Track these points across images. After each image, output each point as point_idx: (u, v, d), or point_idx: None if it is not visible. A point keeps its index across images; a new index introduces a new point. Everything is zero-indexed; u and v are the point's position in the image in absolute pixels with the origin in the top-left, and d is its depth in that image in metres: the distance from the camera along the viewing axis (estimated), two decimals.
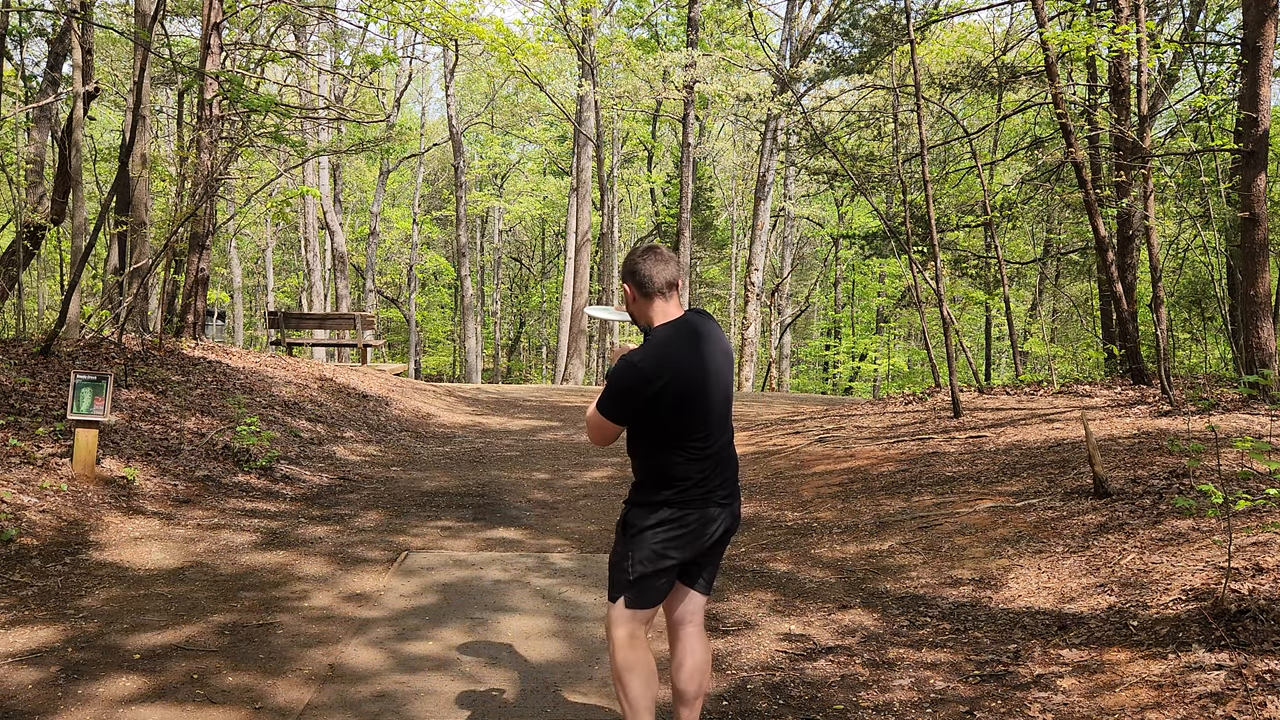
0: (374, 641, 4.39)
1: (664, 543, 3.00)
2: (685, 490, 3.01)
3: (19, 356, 8.71)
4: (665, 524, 3.00)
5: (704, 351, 3.01)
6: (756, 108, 20.50)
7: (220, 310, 22.50)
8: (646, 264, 3.04)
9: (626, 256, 3.10)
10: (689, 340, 3.00)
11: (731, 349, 3.17)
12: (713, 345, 3.04)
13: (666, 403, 2.94)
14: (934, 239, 10.26)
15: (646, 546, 3.00)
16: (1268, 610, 3.77)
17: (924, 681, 3.86)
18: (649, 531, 3.00)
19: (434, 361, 41.86)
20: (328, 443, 9.37)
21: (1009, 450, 7.66)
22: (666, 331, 3.01)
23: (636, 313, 3.11)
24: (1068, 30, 10.74)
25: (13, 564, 5.23)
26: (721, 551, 3.17)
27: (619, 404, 2.98)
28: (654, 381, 2.91)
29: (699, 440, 3.00)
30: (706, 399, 3.00)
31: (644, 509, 3.05)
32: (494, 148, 40.43)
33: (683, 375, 2.95)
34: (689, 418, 2.97)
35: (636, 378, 2.94)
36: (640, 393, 2.93)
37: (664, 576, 3.04)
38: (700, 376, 2.98)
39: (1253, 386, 7.74)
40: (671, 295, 3.06)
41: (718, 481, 3.05)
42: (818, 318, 41.52)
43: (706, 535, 3.04)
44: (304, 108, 18.26)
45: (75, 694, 3.73)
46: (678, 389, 2.94)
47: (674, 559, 3.01)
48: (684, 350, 2.98)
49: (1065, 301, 24.26)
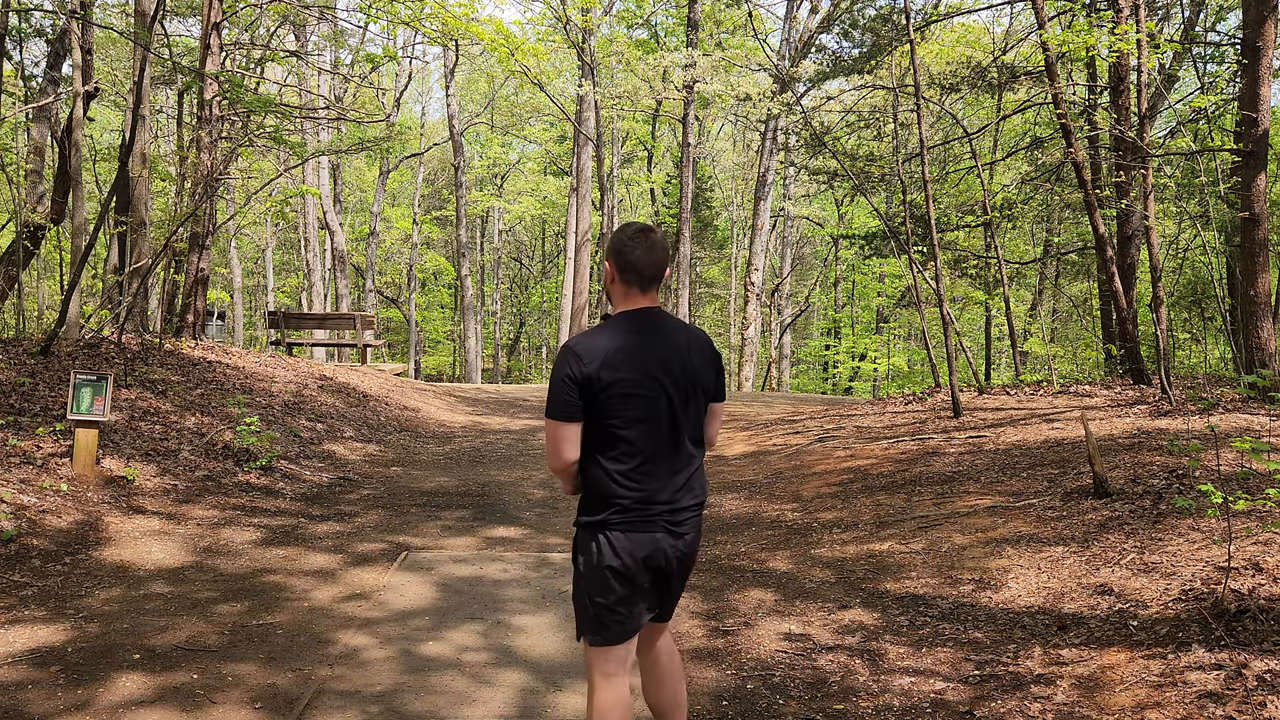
0: (374, 640, 4.39)
1: (610, 572, 2.67)
2: (622, 511, 2.66)
3: (19, 356, 8.71)
4: (608, 551, 2.67)
5: (657, 347, 2.68)
6: (756, 108, 20.50)
7: (220, 310, 22.52)
8: (635, 249, 2.70)
9: (616, 232, 2.75)
10: (640, 332, 2.68)
11: (709, 351, 2.80)
12: (670, 343, 2.70)
13: (601, 400, 2.62)
14: (934, 239, 10.27)
15: (595, 577, 2.70)
16: (1267, 610, 3.77)
17: (924, 681, 3.86)
18: (594, 559, 2.69)
19: (434, 361, 41.86)
20: (328, 442, 9.37)
21: (1009, 450, 7.66)
22: (619, 320, 2.71)
23: (611, 294, 2.80)
24: (1067, 30, 10.74)
25: (13, 564, 5.24)
26: (683, 580, 2.85)
27: (554, 397, 2.64)
28: (586, 368, 2.60)
29: (637, 449, 2.65)
30: (651, 401, 2.65)
31: (586, 531, 2.73)
32: (494, 148, 40.44)
33: (622, 369, 2.62)
34: (622, 420, 2.64)
35: (567, 363, 2.63)
36: (574, 381, 2.61)
37: (625, 609, 2.71)
38: (647, 374, 2.64)
39: (1252, 386, 7.73)
40: (650, 288, 2.73)
41: (664, 505, 2.69)
42: (818, 318, 41.52)
43: (655, 565, 2.70)
44: (304, 107, 18.26)
45: (75, 694, 3.74)
46: (612, 382, 2.61)
47: (624, 592, 2.68)
48: (631, 342, 2.66)
49: (1065, 301, 24.26)
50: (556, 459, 2.69)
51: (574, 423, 2.66)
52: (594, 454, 2.69)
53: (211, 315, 16.78)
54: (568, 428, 2.66)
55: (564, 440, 2.66)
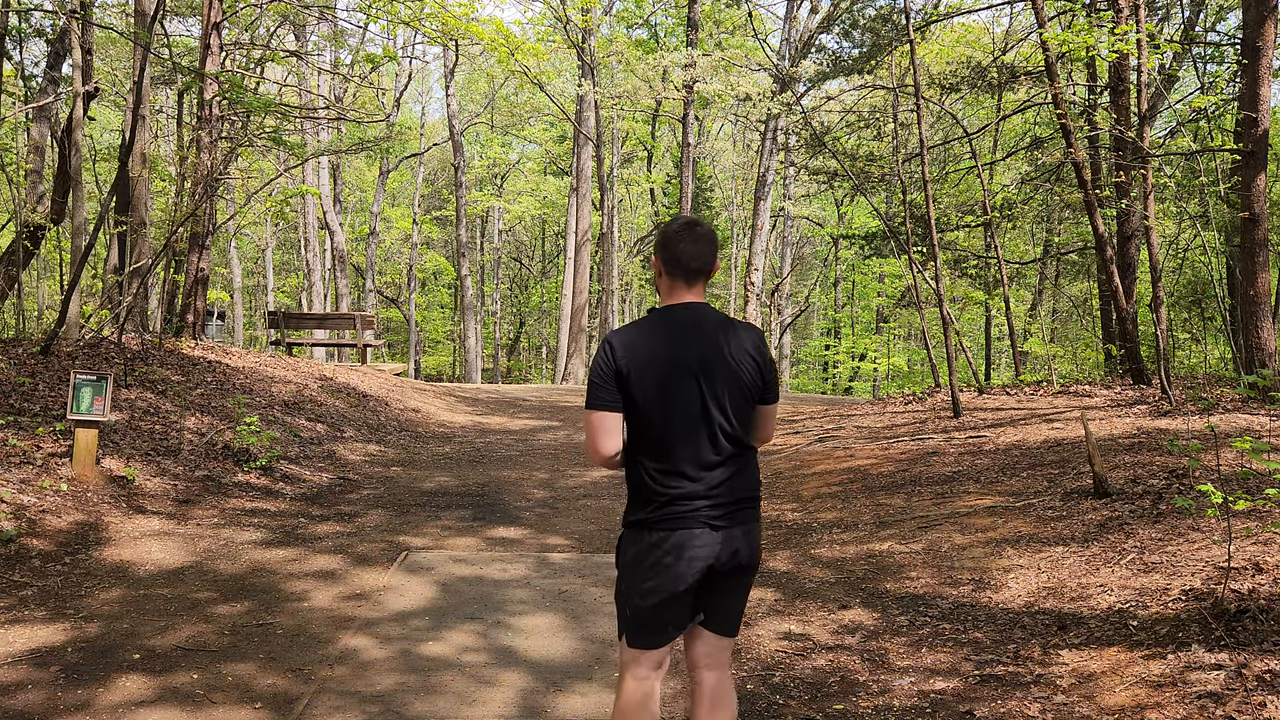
0: (374, 641, 4.39)
1: (649, 571, 2.62)
2: (660, 508, 2.62)
3: (19, 356, 8.71)
4: (649, 549, 2.63)
5: (693, 342, 2.63)
6: (756, 108, 20.48)
7: (220, 310, 22.52)
8: (681, 241, 2.69)
9: (664, 225, 2.76)
10: (677, 327, 2.65)
11: (756, 349, 2.71)
12: (708, 339, 2.64)
13: (634, 395, 2.61)
14: (934, 239, 10.27)
15: (633, 576, 2.66)
16: (1268, 610, 3.77)
17: (923, 681, 3.86)
18: (633, 559, 2.67)
19: (434, 361, 41.85)
20: (328, 442, 9.37)
21: (1009, 450, 7.66)
22: (658, 314, 2.69)
23: (658, 287, 2.79)
24: (1067, 31, 10.73)
25: (13, 564, 5.24)
26: (738, 586, 2.75)
27: (590, 387, 2.64)
28: (618, 360, 2.60)
29: (668, 446, 2.62)
30: (682, 397, 2.61)
31: (630, 531, 2.70)
32: (494, 148, 40.43)
33: (653, 363, 2.60)
34: (656, 415, 2.61)
35: (602, 355, 2.63)
36: (608, 372, 2.61)
37: (663, 613, 2.64)
38: (679, 370, 2.60)
39: (1252, 386, 7.73)
40: (696, 281, 2.71)
41: (703, 501, 2.62)
42: (818, 318, 41.52)
43: (696, 563, 2.61)
44: (304, 107, 18.25)
45: (75, 694, 3.74)
46: (642, 377, 2.60)
47: (664, 593, 2.62)
48: (666, 336, 2.63)
49: (1065, 301, 24.25)
50: (595, 452, 2.67)
51: (608, 412, 2.63)
52: (633, 453, 2.69)
53: (211, 315, 16.78)
54: (603, 417, 2.63)
55: (600, 431, 2.64)
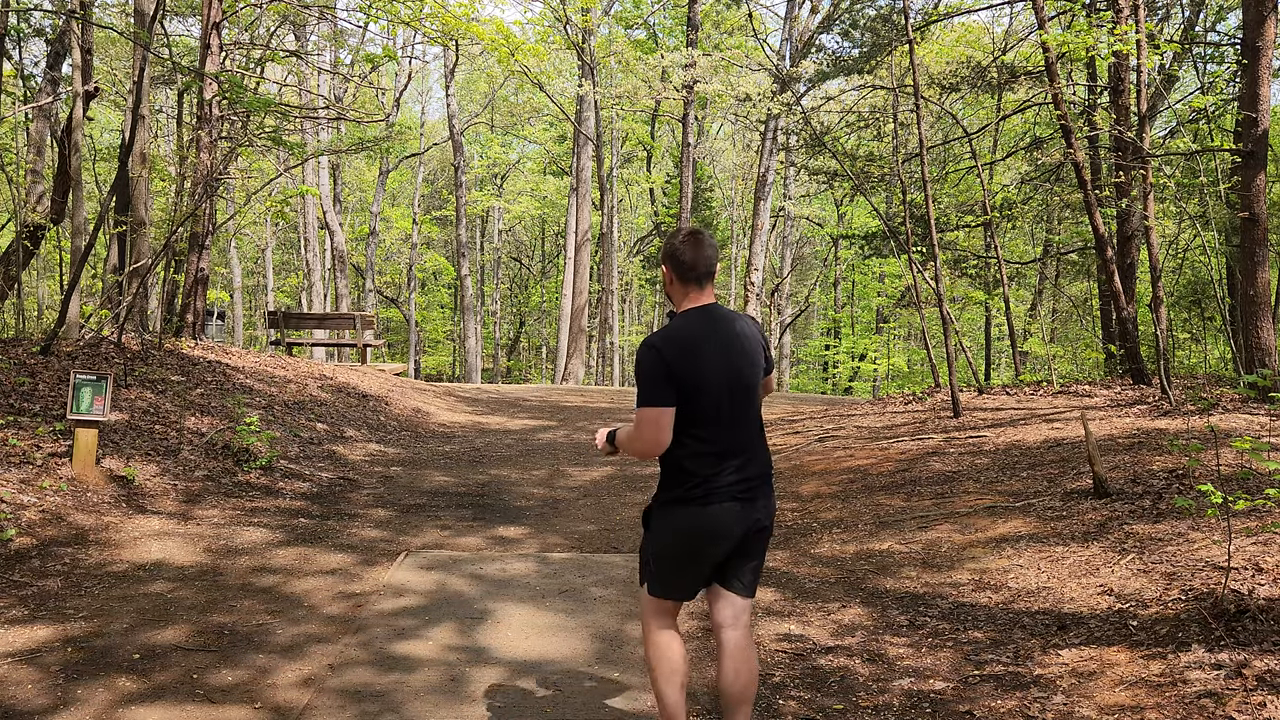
0: (373, 640, 4.39)
1: (676, 539, 3.00)
2: (695, 486, 2.97)
3: (19, 356, 8.71)
4: (678, 520, 2.99)
5: (720, 338, 2.99)
6: (756, 108, 20.47)
7: (220, 310, 22.48)
8: (688, 249, 3.04)
9: (668, 238, 3.10)
10: (705, 326, 3.00)
11: (761, 334, 3.15)
12: (732, 330, 3.03)
13: (683, 390, 2.93)
14: (934, 239, 10.27)
15: (660, 539, 3.05)
16: (1267, 610, 3.77)
17: (923, 681, 3.86)
18: (661, 526, 3.04)
19: (434, 361, 41.85)
20: (328, 442, 9.37)
21: (1009, 450, 7.66)
22: (686, 316, 3.03)
23: (671, 295, 3.13)
24: (1067, 31, 10.72)
25: (12, 564, 5.24)
26: (757, 550, 3.11)
27: (647, 386, 2.94)
28: (666, 357, 2.92)
29: (707, 431, 2.96)
30: (716, 387, 2.96)
31: (661, 506, 3.06)
32: (494, 148, 40.42)
33: (691, 359, 2.94)
34: (695, 406, 2.94)
35: (650, 353, 2.94)
36: (662, 368, 2.92)
37: (683, 573, 3.03)
38: (710, 363, 2.96)
39: (1252, 386, 7.74)
40: (707, 284, 3.06)
41: (733, 476, 2.98)
42: (817, 318, 41.52)
43: (723, 533, 2.98)
44: (304, 107, 18.25)
45: (74, 694, 3.74)
46: (685, 373, 2.92)
47: (689, 558, 3.01)
48: (698, 335, 2.98)
49: (1065, 301, 24.25)
50: (655, 444, 2.95)
51: (666, 408, 2.93)
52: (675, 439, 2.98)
53: (211, 315, 16.74)
54: (662, 413, 2.92)
55: (662, 427, 2.93)
